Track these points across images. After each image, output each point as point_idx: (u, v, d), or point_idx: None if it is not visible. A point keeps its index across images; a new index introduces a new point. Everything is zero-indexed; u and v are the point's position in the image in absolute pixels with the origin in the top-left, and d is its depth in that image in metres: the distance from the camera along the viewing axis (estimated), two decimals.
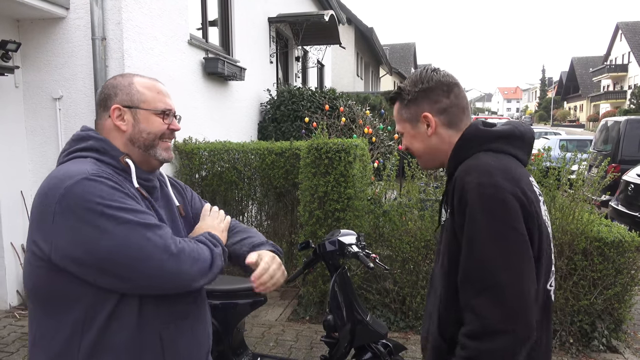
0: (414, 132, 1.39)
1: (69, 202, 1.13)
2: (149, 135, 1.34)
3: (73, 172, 1.18)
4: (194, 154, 4.98)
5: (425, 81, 1.36)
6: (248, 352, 2.97)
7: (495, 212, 1.15)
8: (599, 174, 3.85)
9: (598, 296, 3.59)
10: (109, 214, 1.13)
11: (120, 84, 1.35)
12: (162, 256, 1.17)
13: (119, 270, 1.15)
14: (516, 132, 1.32)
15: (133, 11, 4.42)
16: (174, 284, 1.22)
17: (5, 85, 4.32)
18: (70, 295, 1.18)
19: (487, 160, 1.23)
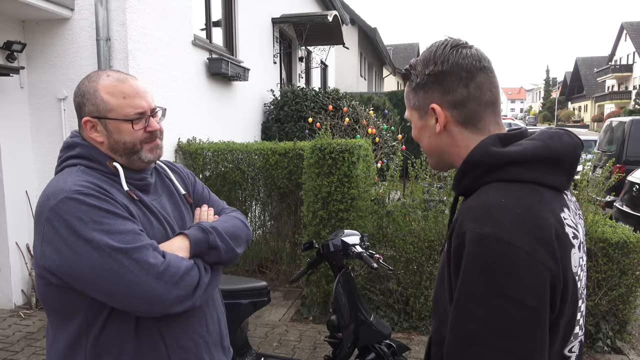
0: (421, 125, 1.08)
1: (53, 223, 1.14)
2: (126, 145, 1.29)
3: (58, 189, 1.18)
4: (198, 154, 4.99)
5: (440, 62, 1.02)
6: (252, 352, 2.97)
7: (495, 278, 0.83)
8: (603, 174, 3.84)
9: (602, 297, 3.58)
10: (85, 237, 1.12)
11: (87, 91, 1.29)
12: (137, 280, 1.14)
13: (97, 292, 1.16)
14: (545, 153, 0.94)
15: (137, 12, 4.44)
16: (149, 308, 1.18)
17: (10, 86, 4.35)
18: (69, 304, 1.20)
19: (495, 200, 0.89)
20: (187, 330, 1.31)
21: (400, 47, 39.12)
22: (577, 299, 0.95)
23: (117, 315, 1.20)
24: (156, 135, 1.34)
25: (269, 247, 5.17)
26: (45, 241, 1.15)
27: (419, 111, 1.08)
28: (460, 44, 1.03)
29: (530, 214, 0.87)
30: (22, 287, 4.50)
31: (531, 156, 0.93)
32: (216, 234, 1.34)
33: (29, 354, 3.59)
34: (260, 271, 5.07)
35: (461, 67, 1.00)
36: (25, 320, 4.18)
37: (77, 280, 1.15)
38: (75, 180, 1.20)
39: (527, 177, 0.92)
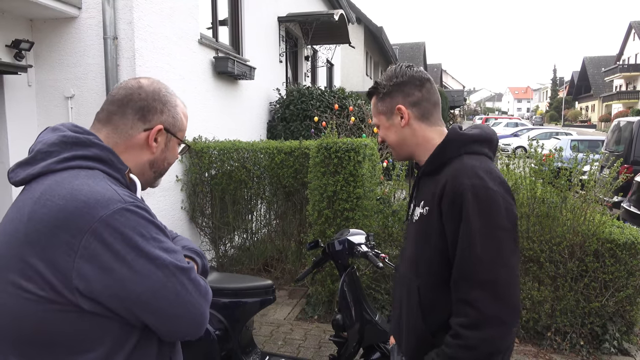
0: (389, 124, 1.49)
1: (104, 236, 0.96)
2: (167, 165, 1.27)
3: (105, 197, 1.00)
4: (204, 152, 5.00)
5: (400, 76, 1.46)
6: (257, 351, 2.98)
7: (490, 213, 1.25)
8: (611, 174, 3.81)
9: (609, 298, 3.55)
10: (149, 255, 1.00)
11: (169, 101, 1.23)
12: (194, 302, 1.08)
13: (149, 314, 1.03)
14: (487, 136, 1.44)
15: (144, 10, 4.45)
16: (198, 330, 1.12)
17: (18, 84, 4.37)
18: (93, 335, 1.01)
19: (473, 163, 1.33)
20: (179, 352, 1.30)
21: (406, 46, 39.05)
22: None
23: (144, 341, 1.09)
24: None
25: (274, 246, 5.18)
26: (83, 258, 0.95)
27: (386, 114, 1.50)
28: (410, 65, 1.51)
29: (495, 172, 1.34)
30: None
31: (482, 137, 1.43)
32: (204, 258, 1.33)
33: None
34: (266, 270, 5.08)
35: (415, 78, 1.46)
36: None
37: (129, 302, 1.00)
38: (118, 189, 1.05)
39: (481, 151, 1.41)
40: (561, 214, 3.68)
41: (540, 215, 3.68)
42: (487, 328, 1.22)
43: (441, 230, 1.33)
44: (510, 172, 3.95)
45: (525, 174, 3.86)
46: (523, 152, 14.53)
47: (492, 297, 1.23)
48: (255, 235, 5.26)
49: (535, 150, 3.85)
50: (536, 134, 22.36)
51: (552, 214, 3.66)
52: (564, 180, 3.66)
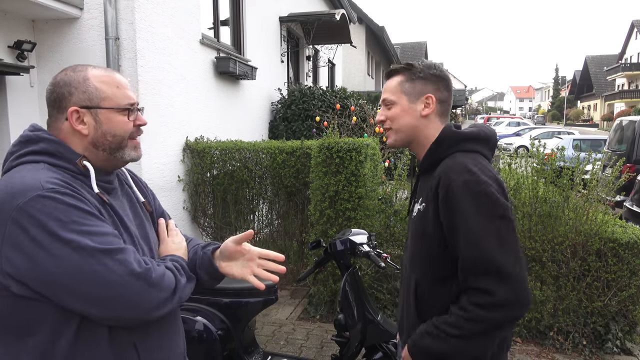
0: (408, 107, 1.48)
1: (21, 223, 1.02)
2: (115, 138, 1.21)
3: (26, 186, 1.05)
4: (206, 152, 5.01)
5: (438, 69, 1.50)
6: (259, 351, 2.98)
7: (485, 206, 1.30)
8: (613, 174, 3.80)
9: (612, 298, 3.55)
10: (64, 238, 1.03)
11: (73, 80, 1.19)
12: (122, 282, 1.07)
13: (75, 298, 1.06)
14: (482, 134, 1.48)
15: (146, 11, 4.46)
16: (132, 314, 1.10)
17: (20, 85, 4.38)
18: (31, 319, 1.08)
19: (465, 160, 1.37)
20: (162, 344, 1.27)
21: (407, 45, 39.00)
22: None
23: (87, 327, 1.11)
24: (141, 132, 1.30)
25: (276, 246, 5.18)
26: (8, 244, 1.02)
27: (410, 96, 1.49)
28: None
29: (487, 168, 1.37)
30: None
31: (476, 135, 1.46)
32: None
33: None
34: None
35: (447, 79, 1.52)
36: None
37: (52, 285, 1.04)
38: (43, 176, 1.08)
39: (475, 149, 1.43)
40: (563, 214, 3.67)
41: (543, 214, 3.68)
42: (495, 311, 1.27)
43: (436, 225, 1.37)
44: (513, 171, 3.94)
45: (528, 174, 3.86)
46: (525, 151, 14.51)
47: (500, 283, 1.26)
48: (257, 235, 5.27)
49: (538, 150, 3.84)
50: (538, 133, 22.32)
51: (555, 214, 3.66)
52: (566, 180, 3.65)
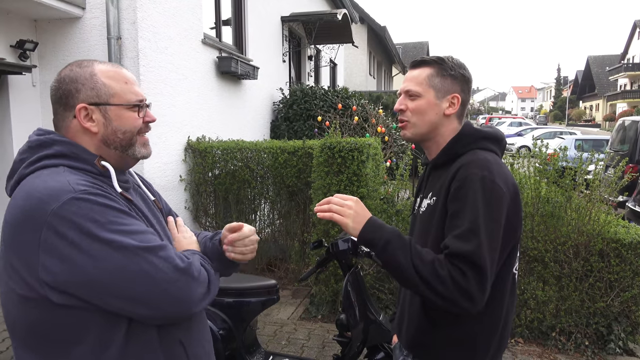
0: (434, 103, 1.45)
1: (57, 228, 0.98)
2: (125, 135, 1.18)
3: (56, 190, 1.01)
4: (207, 152, 5.01)
5: (467, 72, 1.50)
6: (260, 350, 2.98)
7: (490, 205, 1.30)
8: (616, 174, 3.79)
9: (615, 298, 3.54)
10: (104, 239, 1.00)
11: (80, 76, 1.15)
12: (168, 278, 1.05)
13: (119, 299, 1.03)
14: (497, 135, 1.50)
15: (148, 10, 4.46)
16: (179, 309, 1.09)
17: (22, 84, 4.39)
18: (75, 328, 1.04)
19: (486, 157, 1.37)
20: (199, 338, 1.28)
21: (409, 45, 38.96)
22: (521, 230, 1.47)
23: (136, 329, 1.08)
24: (149, 128, 1.27)
25: (278, 246, 5.17)
26: (45, 251, 0.98)
27: (438, 92, 1.46)
28: None
29: (503, 168, 1.38)
30: None
31: (493, 135, 1.48)
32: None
33: None
34: (269, 269, 5.08)
35: (471, 81, 1.52)
36: None
37: (96, 288, 1.01)
38: (72, 179, 1.05)
39: (492, 148, 1.45)
40: (566, 214, 3.66)
41: (545, 214, 3.67)
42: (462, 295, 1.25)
43: (442, 215, 1.37)
44: (515, 171, 3.94)
45: (530, 174, 3.85)
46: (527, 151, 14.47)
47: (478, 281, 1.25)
48: (259, 235, 5.26)
49: (540, 150, 3.83)
50: (540, 133, 22.28)
51: (557, 214, 3.65)
52: (568, 180, 3.65)
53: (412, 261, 1.29)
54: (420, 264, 1.29)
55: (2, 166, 4.35)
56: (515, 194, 1.36)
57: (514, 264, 1.45)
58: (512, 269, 1.44)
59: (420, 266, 1.28)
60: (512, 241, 1.38)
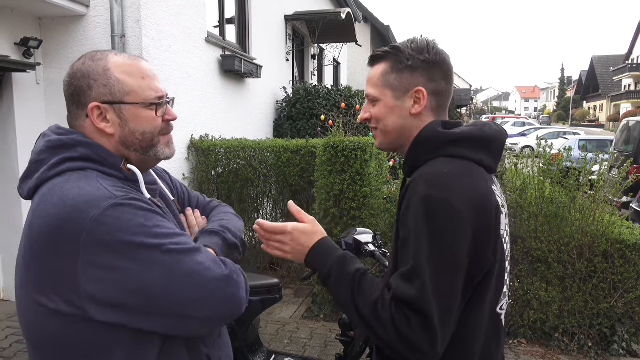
0: (394, 104, 1.18)
1: (101, 237, 0.91)
2: (144, 136, 1.08)
3: (93, 196, 0.94)
4: (211, 151, 5.01)
5: (433, 53, 1.15)
6: (263, 349, 2.98)
7: (437, 233, 1.02)
8: (620, 175, 3.77)
9: (618, 299, 3.52)
10: (150, 244, 0.93)
11: (92, 71, 1.04)
12: (217, 277, 1.00)
13: (169, 305, 0.96)
14: (478, 135, 1.14)
15: (152, 9, 4.46)
16: (226, 312, 1.03)
17: (27, 82, 4.40)
18: (103, 348, 0.97)
19: (441, 170, 1.08)
20: (222, 347, 1.23)
21: None
22: (504, 258, 1.14)
23: (165, 349, 1.03)
24: (171, 127, 1.16)
25: None
26: (85, 262, 0.90)
27: (395, 91, 1.18)
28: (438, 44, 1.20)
29: (468, 182, 1.07)
30: None
31: (468, 137, 1.13)
32: (229, 232, 1.25)
33: None
34: (272, 268, 5.08)
35: (445, 63, 1.17)
36: None
37: (146, 295, 0.93)
38: (108, 185, 0.99)
39: (464, 155, 1.11)
40: (570, 214, 3.65)
41: (549, 215, 3.66)
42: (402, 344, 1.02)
43: (397, 237, 1.14)
44: (519, 171, 3.92)
45: (534, 174, 3.84)
46: (531, 151, 14.44)
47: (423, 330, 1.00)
48: None
49: (544, 150, 3.82)
50: (544, 133, 22.23)
51: (561, 214, 3.63)
52: (572, 180, 3.63)
53: (354, 298, 1.08)
54: (362, 302, 1.07)
55: (6, 163, 4.36)
56: (483, 211, 1.06)
57: (493, 300, 1.13)
58: (487, 305, 1.12)
59: (361, 305, 1.07)
60: (479, 272, 1.07)
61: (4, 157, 4.35)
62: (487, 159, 1.14)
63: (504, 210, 1.15)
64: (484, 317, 1.12)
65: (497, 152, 1.17)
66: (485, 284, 1.09)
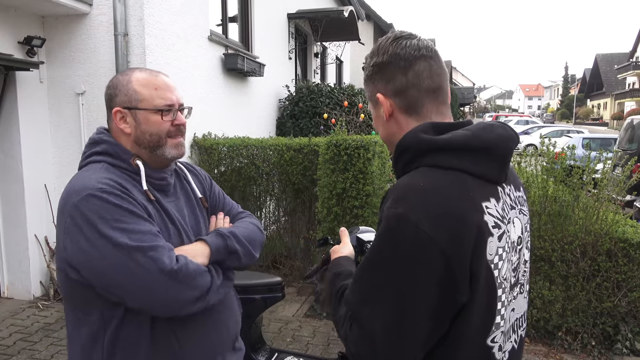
0: (376, 114, 1.14)
1: (75, 219, 1.17)
2: (152, 137, 1.31)
3: (83, 186, 1.20)
4: (213, 149, 5.01)
5: (381, 54, 1.08)
6: (266, 347, 2.98)
7: (404, 260, 0.90)
8: (624, 173, 3.76)
9: (622, 298, 3.51)
10: (105, 234, 1.14)
11: (119, 83, 1.33)
12: (153, 278, 1.15)
13: (113, 289, 1.17)
14: (474, 142, 0.97)
15: (154, 7, 4.46)
16: (163, 308, 1.20)
17: (30, 81, 4.41)
18: (89, 300, 1.22)
19: (415, 183, 0.95)
20: (202, 336, 1.33)
21: None
22: (494, 286, 0.96)
23: (132, 314, 1.22)
24: (181, 131, 1.37)
25: (283, 243, 5.18)
26: (67, 235, 1.18)
27: (371, 102, 1.14)
28: (402, 36, 1.07)
29: (440, 199, 0.91)
30: (41, 278, 4.58)
31: (458, 144, 0.96)
32: (234, 238, 1.37)
33: (47, 344, 3.65)
34: (274, 267, 5.08)
35: (399, 57, 1.05)
36: (43, 312, 4.25)
37: (96, 275, 1.17)
38: (98, 177, 1.22)
39: (451, 164, 0.95)
40: (573, 213, 3.64)
41: (552, 213, 3.65)
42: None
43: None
44: (522, 170, 3.91)
45: (537, 172, 3.82)
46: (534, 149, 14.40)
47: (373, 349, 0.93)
48: (264, 232, 5.27)
49: (548, 148, 3.81)
50: (547, 132, 22.15)
51: (564, 213, 3.62)
52: (576, 179, 3.62)
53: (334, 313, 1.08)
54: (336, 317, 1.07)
55: (11, 161, 4.37)
56: (457, 234, 0.89)
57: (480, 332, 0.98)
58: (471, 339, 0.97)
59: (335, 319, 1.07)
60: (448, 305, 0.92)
61: (8, 157, 4.37)
62: (486, 168, 0.98)
63: (500, 231, 0.97)
64: (470, 350, 0.98)
65: (500, 160, 1.01)
66: (464, 317, 0.94)
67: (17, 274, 4.51)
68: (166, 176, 1.38)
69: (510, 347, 1.06)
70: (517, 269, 1.06)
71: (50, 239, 4.57)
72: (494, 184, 1.01)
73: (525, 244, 1.10)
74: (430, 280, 0.88)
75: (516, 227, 1.04)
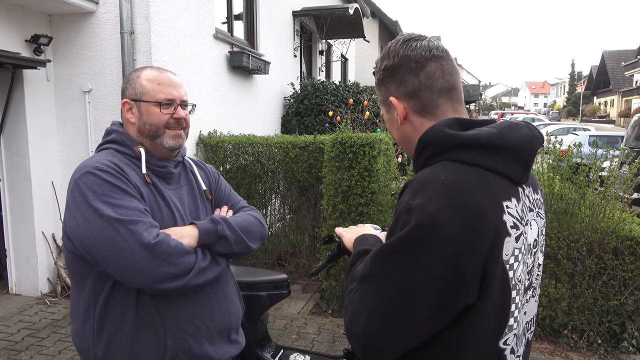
0: (389, 117, 1.14)
1: (73, 193, 1.32)
2: (151, 127, 1.45)
3: (84, 165, 1.36)
4: (219, 147, 5.03)
5: (391, 57, 1.09)
6: (271, 344, 2.99)
7: (419, 249, 0.88)
8: (631, 171, 3.74)
9: (629, 296, 3.50)
10: (93, 206, 1.27)
11: (131, 78, 1.49)
12: (129, 249, 1.24)
13: (96, 257, 1.28)
14: (498, 141, 0.96)
15: (160, 5, 4.48)
16: (138, 279, 1.27)
17: (37, 79, 4.43)
18: (83, 272, 1.35)
19: (436, 176, 0.93)
20: (187, 313, 1.39)
21: None
22: (508, 287, 0.95)
23: (119, 287, 1.32)
24: (181, 124, 1.49)
25: (288, 240, 5.19)
26: (67, 208, 1.33)
27: (384, 106, 1.14)
28: (412, 38, 1.08)
29: (462, 193, 0.90)
30: (48, 275, 4.61)
31: (484, 142, 0.95)
32: (225, 224, 1.44)
33: (54, 340, 3.68)
34: (280, 264, 5.09)
35: (410, 59, 1.05)
36: (51, 308, 4.28)
37: (83, 244, 1.28)
38: (100, 159, 1.37)
39: (475, 161, 0.94)
40: (580, 211, 3.62)
41: (558, 211, 3.63)
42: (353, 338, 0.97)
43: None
44: None
45: (543, 170, 3.81)
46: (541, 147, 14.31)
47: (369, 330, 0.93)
48: (270, 230, 5.28)
49: (554, 146, 3.79)
50: (553, 129, 22.02)
51: (571, 211, 3.61)
52: (582, 177, 3.60)
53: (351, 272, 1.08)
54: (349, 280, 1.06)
55: (19, 159, 4.41)
56: (474, 231, 0.88)
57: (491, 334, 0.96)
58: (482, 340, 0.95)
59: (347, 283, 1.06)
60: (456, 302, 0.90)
61: (16, 154, 4.40)
62: (510, 168, 0.97)
63: (518, 232, 0.95)
64: (481, 351, 0.96)
65: (524, 160, 0.99)
66: (473, 316, 0.92)
67: (25, 270, 4.55)
68: (168, 165, 1.50)
69: (522, 351, 1.06)
70: (531, 272, 1.05)
71: (57, 236, 4.60)
72: (515, 184, 0.99)
73: (541, 247, 1.09)
74: (438, 273, 0.88)
75: (533, 229, 1.03)
